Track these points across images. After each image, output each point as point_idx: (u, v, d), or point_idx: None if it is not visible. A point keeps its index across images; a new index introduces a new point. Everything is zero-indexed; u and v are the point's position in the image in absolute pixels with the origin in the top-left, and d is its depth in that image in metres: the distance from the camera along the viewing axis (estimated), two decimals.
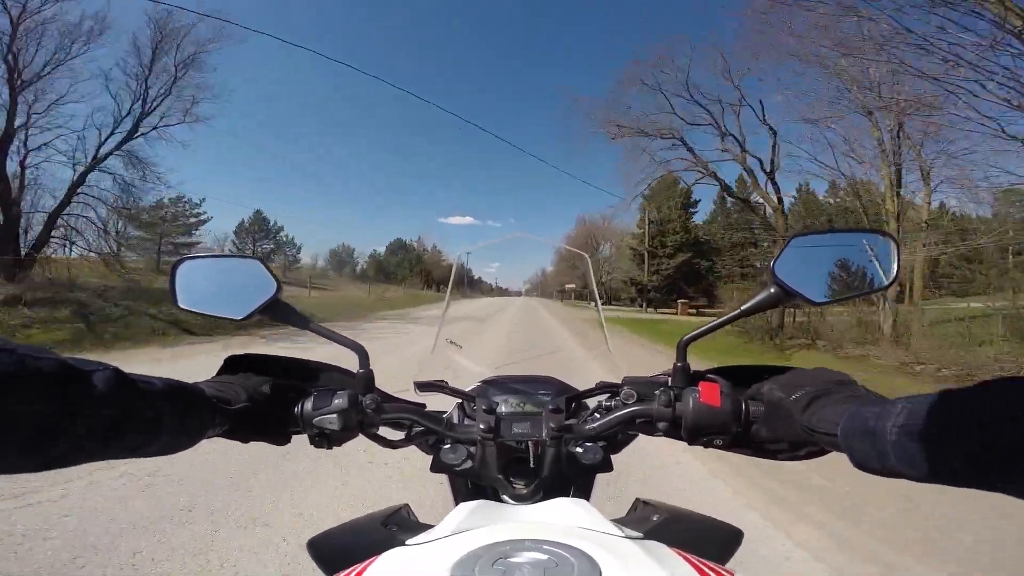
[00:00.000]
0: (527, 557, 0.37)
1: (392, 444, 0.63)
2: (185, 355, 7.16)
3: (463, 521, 0.46)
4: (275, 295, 0.57)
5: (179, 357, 6.94)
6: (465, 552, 0.38)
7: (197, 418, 0.46)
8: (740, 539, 0.62)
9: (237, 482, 2.65)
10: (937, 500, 2.60)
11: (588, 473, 0.63)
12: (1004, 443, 0.28)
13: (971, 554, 2.15)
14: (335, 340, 0.60)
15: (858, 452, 0.39)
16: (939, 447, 0.32)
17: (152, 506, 2.35)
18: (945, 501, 2.59)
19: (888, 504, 2.61)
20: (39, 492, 2.40)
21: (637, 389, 0.60)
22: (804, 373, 0.52)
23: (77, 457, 0.35)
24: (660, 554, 0.39)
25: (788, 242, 0.55)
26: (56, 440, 0.33)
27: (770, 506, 2.62)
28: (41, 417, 0.32)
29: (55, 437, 0.33)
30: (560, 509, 0.49)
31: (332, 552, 0.59)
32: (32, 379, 0.32)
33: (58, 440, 0.33)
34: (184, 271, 0.61)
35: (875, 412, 0.37)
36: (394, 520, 0.62)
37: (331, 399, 0.56)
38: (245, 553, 1.97)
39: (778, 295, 0.55)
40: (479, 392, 0.70)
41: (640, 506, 0.66)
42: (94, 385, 0.36)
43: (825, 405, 0.46)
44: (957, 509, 2.52)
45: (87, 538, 2.03)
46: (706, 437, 0.54)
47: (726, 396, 0.53)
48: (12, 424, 0.30)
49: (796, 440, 0.49)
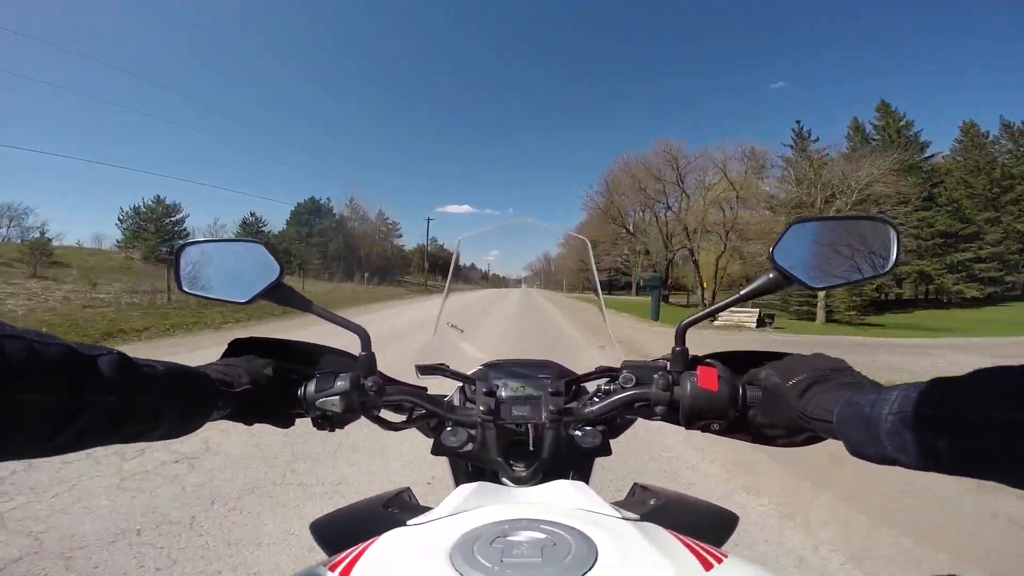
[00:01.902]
0: (525, 536, 0.37)
1: (393, 426, 0.64)
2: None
3: (463, 502, 0.47)
4: (278, 278, 0.58)
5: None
6: (464, 531, 0.38)
7: (201, 401, 0.47)
8: (736, 523, 0.63)
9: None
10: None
11: (587, 456, 0.64)
12: (996, 432, 0.29)
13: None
14: (337, 323, 0.61)
15: (853, 439, 0.39)
16: (933, 435, 0.32)
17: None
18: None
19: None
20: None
21: (636, 373, 0.61)
22: (801, 359, 0.53)
23: (85, 442, 0.36)
24: (656, 535, 0.40)
25: (788, 228, 0.56)
26: (65, 426, 0.34)
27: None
28: (51, 404, 0.33)
29: (64, 423, 0.34)
30: (559, 491, 0.50)
31: (334, 533, 0.60)
32: (41, 366, 0.32)
33: (67, 426, 0.34)
34: (187, 256, 0.61)
35: (870, 400, 0.38)
36: (395, 503, 0.63)
37: (333, 381, 0.56)
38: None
39: (777, 280, 0.55)
40: (480, 375, 0.70)
41: (638, 490, 0.67)
42: (100, 370, 0.36)
43: (821, 392, 0.46)
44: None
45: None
46: (703, 421, 0.55)
47: (724, 381, 0.54)
48: (23, 411, 0.31)
49: (793, 426, 0.49)
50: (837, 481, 2.75)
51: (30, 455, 0.33)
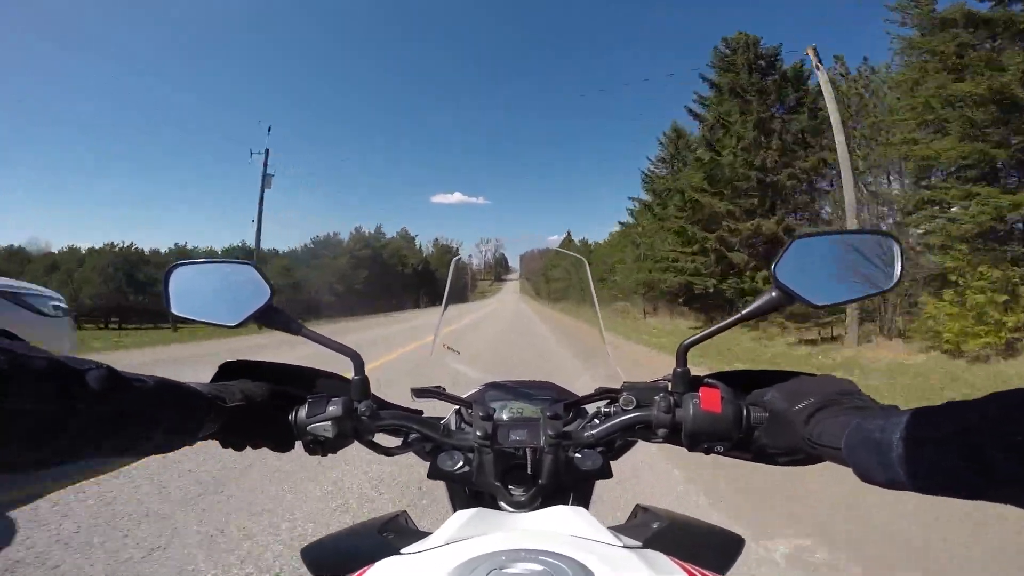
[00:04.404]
0: (523, 568, 0.36)
1: (388, 451, 0.62)
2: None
3: (459, 529, 0.45)
4: (268, 301, 0.57)
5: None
6: (460, 562, 0.37)
7: (192, 414, 0.46)
8: (741, 547, 0.61)
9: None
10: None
11: (587, 480, 0.63)
12: (1010, 455, 0.28)
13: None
14: (329, 346, 0.60)
15: (863, 465, 0.38)
16: (945, 459, 0.31)
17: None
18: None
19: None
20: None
21: (636, 395, 0.59)
22: (808, 381, 0.51)
23: (71, 456, 0.36)
24: (658, 564, 0.39)
25: (789, 244, 0.55)
26: (51, 440, 0.33)
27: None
28: (37, 417, 0.32)
29: (51, 437, 0.33)
30: (558, 517, 0.49)
31: (326, 560, 0.58)
32: (28, 378, 0.32)
33: (53, 440, 0.34)
34: (177, 277, 0.60)
35: (879, 424, 0.37)
36: (391, 527, 0.61)
37: (325, 406, 0.55)
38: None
39: (780, 298, 0.54)
40: (476, 398, 0.69)
41: (640, 513, 0.66)
42: (88, 384, 0.36)
43: (829, 416, 0.45)
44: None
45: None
46: (707, 444, 0.54)
47: (727, 402, 0.53)
48: (9, 423, 0.31)
49: (798, 449, 0.48)
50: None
51: (18, 468, 0.33)
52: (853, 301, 0.58)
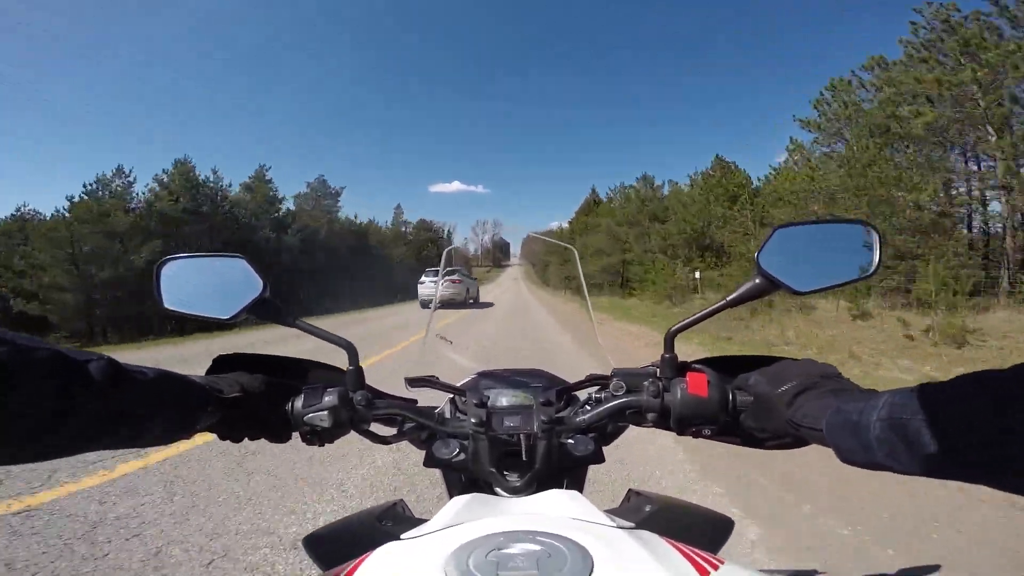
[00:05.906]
0: (520, 548, 0.37)
1: (384, 440, 0.63)
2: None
3: (456, 514, 0.46)
4: (262, 293, 0.57)
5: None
6: (459, 544, 0.38)
7: (191, 406, 0.46)
8: (731, 528, 0.63)
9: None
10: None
11: (580, 465, 0.64)
12: (983, 436, 0.29)
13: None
14: (323, 337, 0.60)
15: (843, 446, 0.39)
16: (920, 440, 0.32)
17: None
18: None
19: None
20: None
21: (626, 380, 0.60)
22: (791, 365, 0.53)
23: (73, 447, 0.36)
24: (651, 543, 0.40)
25: (772, 233, 0.56)
26: (54, 431, 0.34)
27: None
28: (40, 408, 0.33)
29: (53, 428, 0.34)
30: (553, 501, 0.50)
31: (328, 548, 0.59)
32: (30, 370, 0.32)
33: (55, 431, 0.34)
34: (168, 271, 0.60)
35: (858, 407, 0.38)
36: (389, 515, 0.62)
37: (321, 396, 0.56)
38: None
39: (763, 285, 0.55)
40: (470, 386, 0.70)
41: (632, 497, 0.67)
42: (90, 375, 0.36)
43: (810, 399, 0.46)
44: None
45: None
46: (694, 427, 0.55)
47: (713, 386, 0.54)
48: (12, 415, 0.31)
49: (783, 432, 0.50)
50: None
51: (19, 460, 0.33)
52: (834, 287, 0.60)
